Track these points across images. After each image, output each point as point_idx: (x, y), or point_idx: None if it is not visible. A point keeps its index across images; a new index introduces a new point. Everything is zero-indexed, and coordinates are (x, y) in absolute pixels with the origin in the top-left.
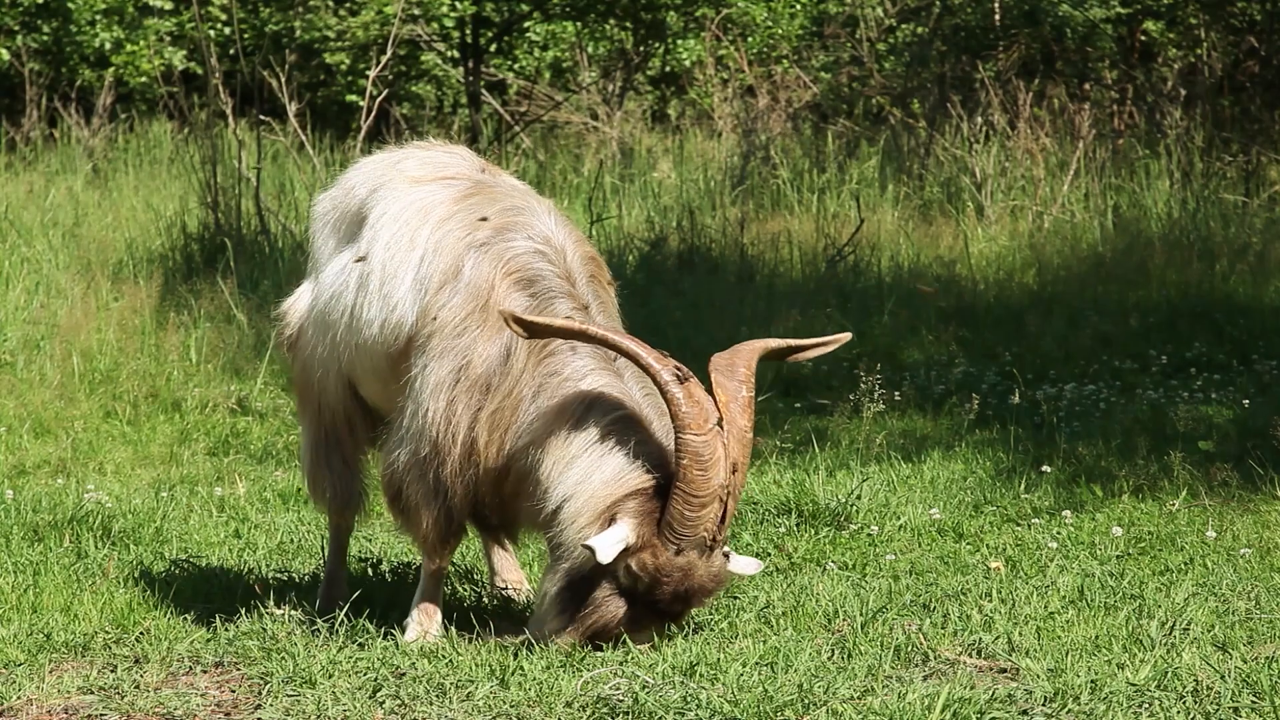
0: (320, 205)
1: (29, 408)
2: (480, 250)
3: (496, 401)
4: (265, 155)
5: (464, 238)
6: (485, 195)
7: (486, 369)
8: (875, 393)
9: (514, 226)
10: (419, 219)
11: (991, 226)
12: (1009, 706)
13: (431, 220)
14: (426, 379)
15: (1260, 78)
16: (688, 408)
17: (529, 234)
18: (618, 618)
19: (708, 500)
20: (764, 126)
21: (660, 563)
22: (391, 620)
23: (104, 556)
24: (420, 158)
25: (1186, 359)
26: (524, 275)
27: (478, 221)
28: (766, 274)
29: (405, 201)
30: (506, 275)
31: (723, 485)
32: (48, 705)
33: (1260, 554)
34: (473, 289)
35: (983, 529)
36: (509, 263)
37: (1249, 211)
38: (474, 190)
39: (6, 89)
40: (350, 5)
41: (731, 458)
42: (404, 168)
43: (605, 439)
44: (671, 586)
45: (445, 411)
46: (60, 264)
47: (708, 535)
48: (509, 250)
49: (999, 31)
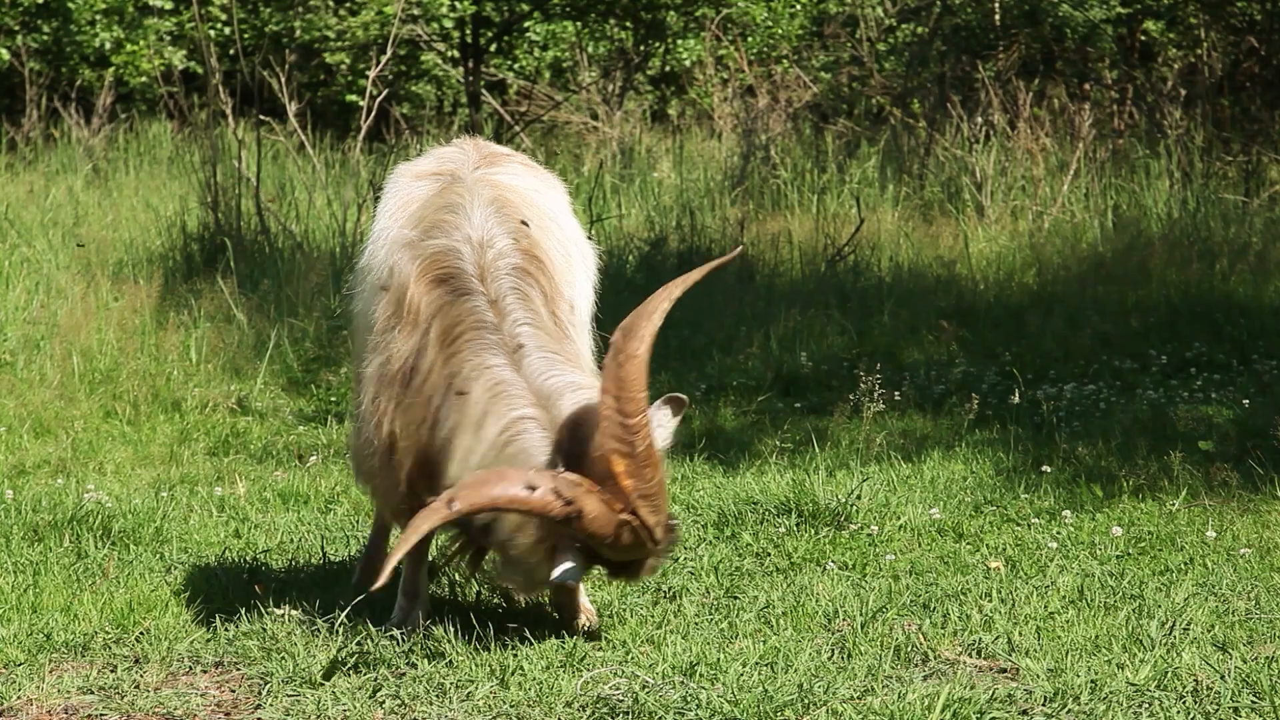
0: None
1: (29, 408)
2: (405, 249)
3: (410, 397)
4: (265, 155)
5: (396, 236)
6: (445, 193)
7: (403, 365)
8: (875, 393)
9: (440, 225)
10: (399, 213)
11: (991, 226)
12: (1009, 706)
13: (402, 215)
14: (364, 372)
15: (1260, 78)
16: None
17: (452, 232)
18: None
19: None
20: (764, 126)
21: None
22: (391, 620)
23: (104, 556)
24: (436, 154)
25: (1186, 359)
26: (438, 273)
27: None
28: (766, 274)
29: (401, 195)
30: (422, 274)
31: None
32: (48, 705)
33: (1260, 554)
34: (397, 288)
35: (983, 529)
36: (426, 260)
37: (1249, 211)
38: (446, 186)
39: (6, 89)
40: (350, 5)
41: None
42: (419, 164)
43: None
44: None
45: (372, 404)
46: (60, 264)
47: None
48: (429, 248)
49: (999, 31)
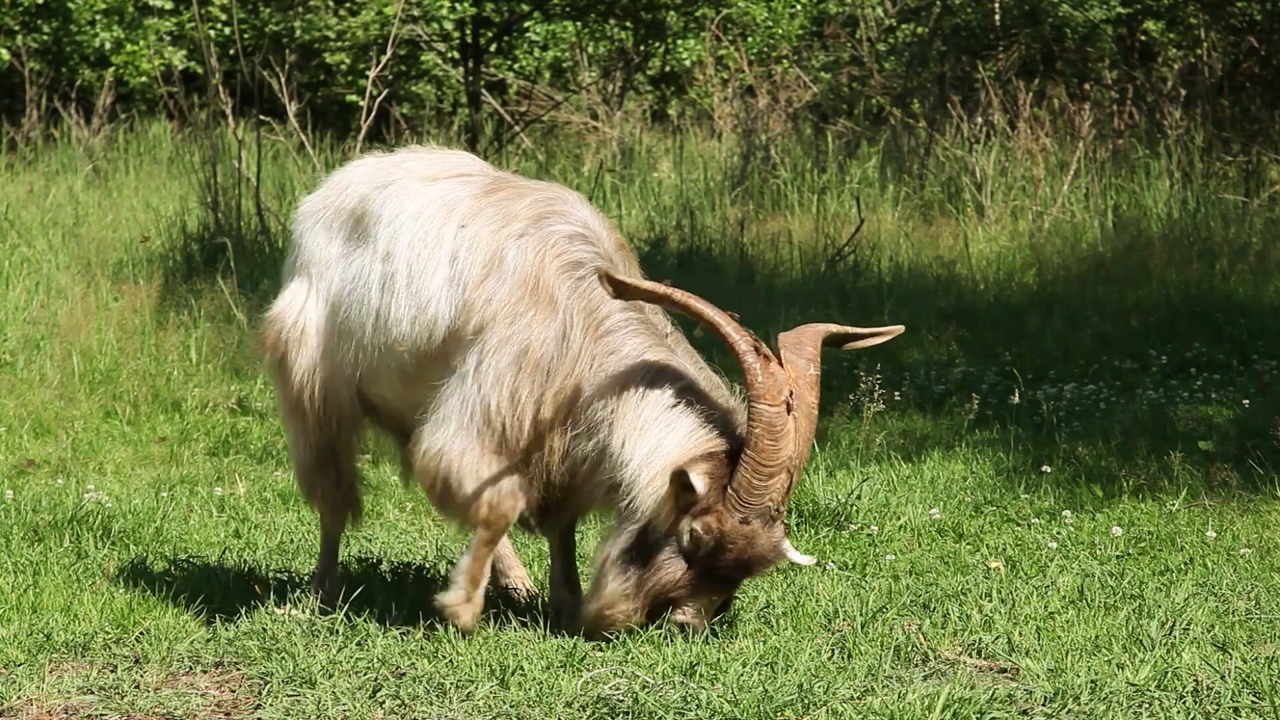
0: (308, 206)
1: (29, 408)
2: (521, 240)
3: (558, 383)
4: (265, 155)
5: (500, 230)
6: (511, 189)
7: (545, 352)
8: (875, 393)
9: (551, 215)
10: (442, 216)
11: (991, 226)
12: (1009, 706)
13: (457, 216)
14: (485, 373)
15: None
16: (764, 379)
17: (568, 220)
18: (677, 580)
19: (776, 470)
20: (764, 126)
21: (726, 528)
22: (391, 620)
23: (104, 556)
24: (427, 158)
25: (1186, 359)
26: (570, 259)
27: (512, 214)
28: (766, 274)
29: (425, 199)
30: (554, 259)
31: (790, 457)
32: (48, 705)
33: (1260, 554)
34: (520, 277)
35: (983, 529)
36: (554, 247)
37: (1249, 211)
38: (496, 185)
39: (6, 89)
40: (350, 5)
41: (800, 431)
42: (411, 167)
43: (675, 406)
44: (734, 553)
45: (511, 399)
46: (60, 264)
47: (773, 505)
48: (551, 235)
49: (999, 31)
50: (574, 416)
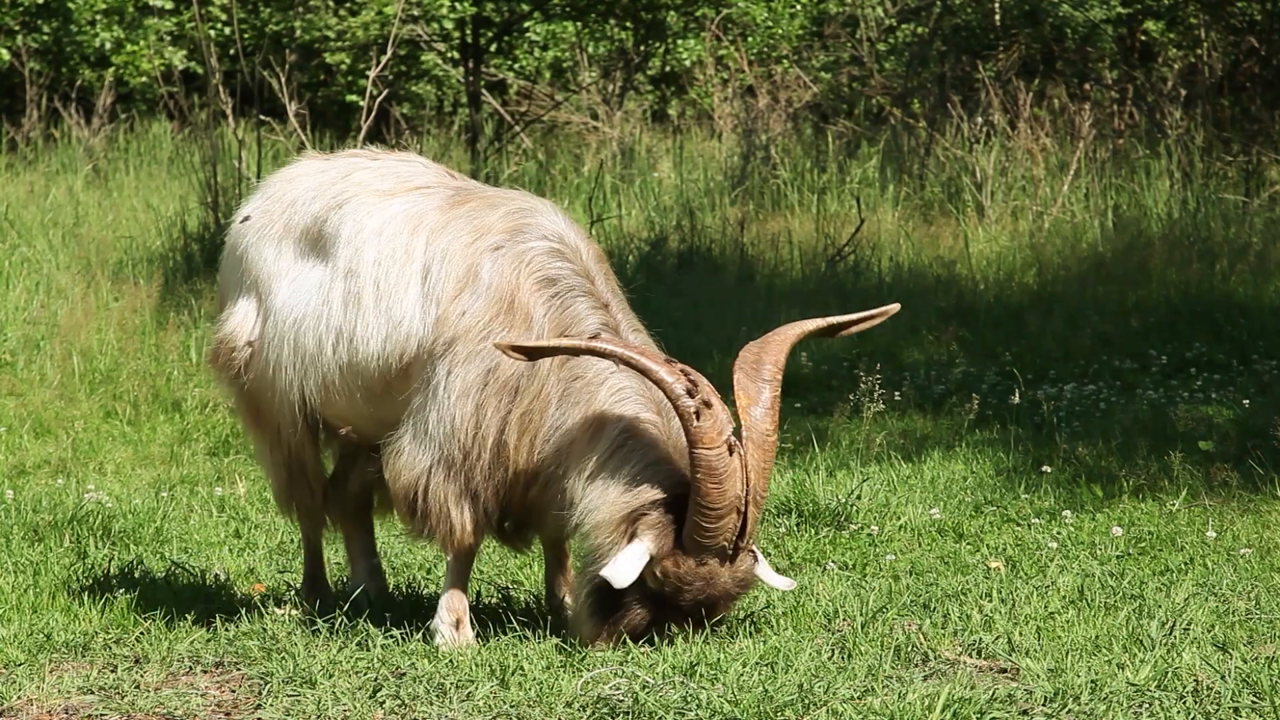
0: (253, 220)
1: (29, 408)
2: (497, 253)
3: (525, 404)
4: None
5: (473, 243)
6: (479, 200)
7: (514, 371)
8: (875, 393)
9: (526, 227)
10: (409, 231)
11: (992, 226)
12: (1009, 706)
13: (425, 230)
14: (452, 384)
15: (1260, 78)
16: (700, 423)
17: (543, 233)
18: (645, 622)
19: (724, 512)
20: (764, 126)
21: (682, 571)
22: (390, 620)
23: (104, 556)
24: (375, 169)
25: (1186, 359)
26: (545, 274)
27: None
28: (766, 274)
29: (386, 214)
30: (529, 275)
31: (738, 496)
32: (48, 705)
33: (1260, 554)
34: (495, 292)
35: (983, 529)
36: (530, 264)
37: (1249, 211)
38: (461, 197)
39: (6, 89)
40: (350, 5)
41: (749, 467)
42: (361, 180)
43: (622, 449)
44: (693, 594)
45: (475, 415)
46: (60, 264)
47: (728, 544)
48: (528, 251)
49: (999, 31)
50: (535, 445)
